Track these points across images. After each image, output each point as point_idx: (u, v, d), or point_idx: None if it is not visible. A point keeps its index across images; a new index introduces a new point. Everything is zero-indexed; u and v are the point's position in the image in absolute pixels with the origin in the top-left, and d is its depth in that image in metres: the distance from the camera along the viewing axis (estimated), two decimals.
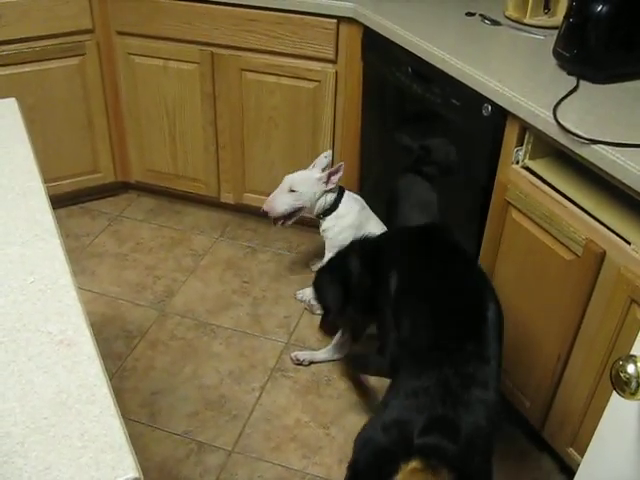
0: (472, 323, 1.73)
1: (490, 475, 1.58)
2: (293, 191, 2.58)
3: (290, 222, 2.66)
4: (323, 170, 2.60)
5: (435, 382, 1.57)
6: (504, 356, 1.76)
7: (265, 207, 2.62)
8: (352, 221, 2.59)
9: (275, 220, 2.65)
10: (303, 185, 2.58)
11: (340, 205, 2.62)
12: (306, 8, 2.56)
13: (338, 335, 2.52)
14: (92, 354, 1.03)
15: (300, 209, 2.61)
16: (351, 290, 2.19)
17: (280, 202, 2.60)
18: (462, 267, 1.96)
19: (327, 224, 2.63)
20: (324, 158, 2.65)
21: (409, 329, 1.80)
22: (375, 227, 2.62)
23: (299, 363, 2.51)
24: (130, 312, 2.73)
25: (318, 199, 2.59)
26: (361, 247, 2.26)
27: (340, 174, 2.57)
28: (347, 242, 2.53)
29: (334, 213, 2.61)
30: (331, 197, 2.61)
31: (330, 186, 2.58)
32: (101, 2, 2.83)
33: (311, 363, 2.52)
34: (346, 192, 2.65)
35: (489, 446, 1.58)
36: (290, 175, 2.62)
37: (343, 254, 2.30)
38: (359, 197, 2.68)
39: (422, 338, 1.74)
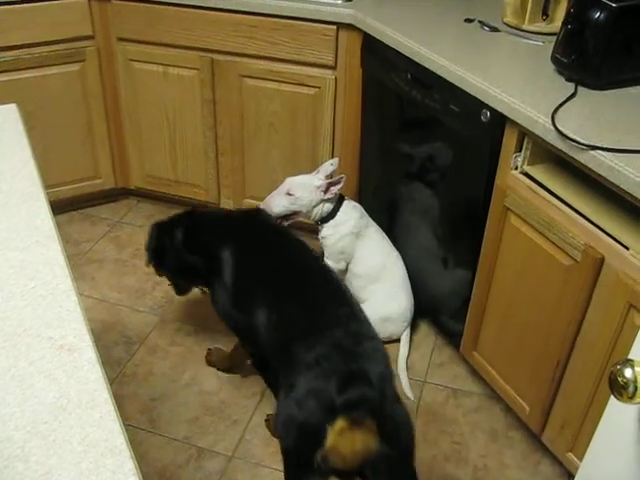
0: (333, 293, 1.86)
1: (406, 415, 1.66)
2: (290, 194, 2.57)
3: (287, 223, 2.64)
4: (327, 177, 2.58)
5: (331, 347, 1.63)
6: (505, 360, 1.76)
7: (262, 205, 2.61)
8: (350, 229, 2.59)
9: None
10: (300, 190, 2.56)
11: (338, 213, 2.60)
12: (306, 14, 2.56)
13: None
14: (92, 359, 1.03)
15: (296, 213, 2.60)
16: (166, 255, 2.28)
17: (276, 203, 2.58)
18: (293, 246, 2.09)
19: (325, 232, 2.62)
20: (330, 165, 2.60)
21: (279, 312, 1.85)
22: (374, 234, 2.63)
23: None
24: (130, 318, 2.74)
25: (315, 206, 2.58)
26: (189, 220, 2.30)
27: (340, 186, 2.55)
28: (346, 250, 2.55)
29: (332, 221, 2.60)
30: (329, 206, 2.59)
31: (328, 196, 2.56)
32: (101, 9, 2.84)
33: None
34: (346, 200, 2.64)
35: (394, 389, 1.67)
36: (291, 178, 2.61)
37: (174, 220, 2.31)
38: (358, 205, 2.68)
39: (298, 317, 1.80)
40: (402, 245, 2.68)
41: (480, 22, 2.39)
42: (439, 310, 2.60)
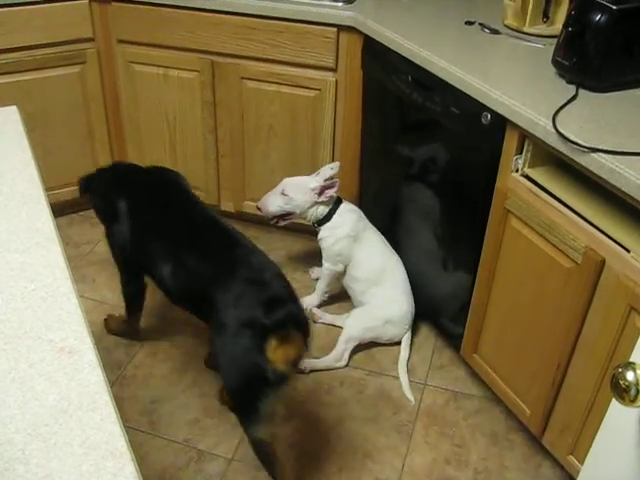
0: (227, 237, 2.03)
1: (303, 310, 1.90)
2: (285, 194, 2.60)
3: (283, 223, 2.69)
4: (325, 181, 2.60)
5: (244, 283, 1.84)
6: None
7: (259, 203, 2.67)
8: (347, 232, 2.60)
9: (270, 218, 2.69)
10: (295, 191, 2.59)
11: (334, 216, 2.62)
12: (306, 17, 2.56)
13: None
14: (93, 362, 1.03)
15: (290, 213, 2.63)
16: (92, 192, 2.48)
17: (271, 202, 2.62)
18: (188, 201, 2.24)
19: (322, 234, 2.64)
20: (329, 169, 2.62)
21: (182, 264, 2.01)
22: (373, 238, 2.64)
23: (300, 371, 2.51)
24: None
25: (309, 208, 2.60)
26: (113, 167, 2.55)
27: (334, 189, 2.57)
28: (343, 252, 2.57)
29: (328, 224, 2.62)
30: (324, 208, 2.61)
31: (322, 199, 2.58)
32: (102, 11, 2.84)
33: (312, 371, 2.52)
34: (343, 203, 2.65)
35: (296, 295, 1.90)
36: (288, 178, 2.64)
37: (102, 170, 2.50)
38: (356, 208, 2.69)
39: (203, 265, 1.96)
40: (403, 247, 2.68)
41: (481, 24, 2.39)
42: (439, 312, 2.60)
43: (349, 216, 2.63)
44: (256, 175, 3.01)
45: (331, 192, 2.57)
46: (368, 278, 2.61)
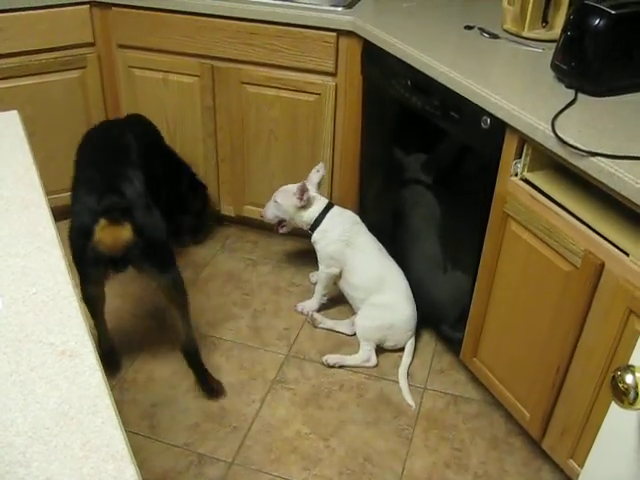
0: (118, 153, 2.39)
1: (156, 216, 2.21)
2: (276, 201, 2.72)
3: (282, 230, 2.81)
4: (316, 185, 2.71)
5: (96, 173, 2.25)
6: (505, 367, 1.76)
7: (261, 212, 2.82)
8: (338, 236, 2.63)
9: (273, 225, 2.82)
10: (282, 197, 2.71)
11: (324, 220, 2.67)
12: (306, 22, 2.57)
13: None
14: (94, 365, 1.04)
15: (285, 220, 2.75)
16: None
17: (268, 210, 2.77)
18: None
19: (315, 237, 2.69)
20: (315, 172, 2.72)
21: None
22: (368, 245, 2.67)
23: (331, 366, 2.57)
24: (130, 324, 2.74)
25: (297, 213, 2.68)
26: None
27: (308, 194, 2.64)
28: (335, 256, 2.64)
29: (319, 227, 2.67)
30: (313, 212, 2.67)
31: (302, 203, 2.64)
32: (102, 15, 2.85)
33: (341, 366, 2.57)
34: (334, 208, 2.70)
35: (147, 202, 2.19)
36: (283, 186, 2.74)
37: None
38: (351, 214, 2.72)
39: (86, 162, 2.40)
40: (403, 251, 2.68)
41: (480, 29, 2.40)
42: (439, 316, 2.60)
43: (339, 220, 2.68)
44: (256, 179, 3.02)
45: (305, 195, 2.64)
46: (366, 287, 2.62)
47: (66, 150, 3.02)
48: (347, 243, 2.63)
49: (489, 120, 1.98)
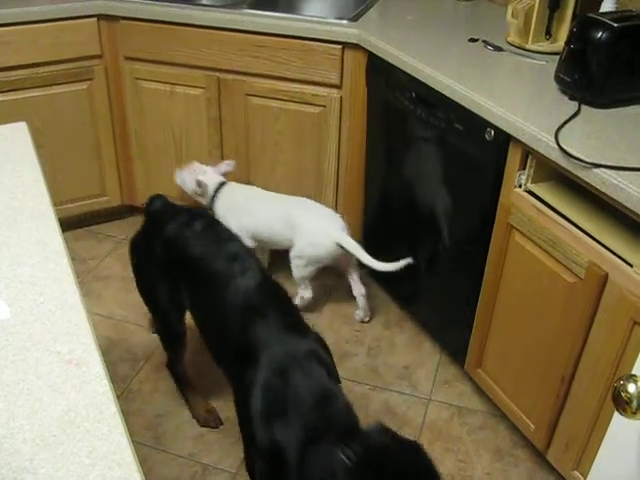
0: None
1: None
2: (183, 175, 2.98)
3: (187, 196, 3.00)
4: (222, 174, 2.93)
5: None
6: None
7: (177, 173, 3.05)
8: (225, 210, 2.86)
9: None
10: (187, 174, 2.96)
11: (216, 201, 2.88)
12: (311, 34, 2.59)
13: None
14: (100, 374, 1.05)
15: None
16: None
17: (177, 176, 3.01)
18: None
19: (217, 214, 2.88)
20: (225, 165, 2.93)
21: None
22: (261, 200, 2.86)
23: None
24: (136, 335, 2.75)
25: (195, 193, 2.94)
26: None
27: (205, 186, 2.87)
28: (240, 227, 2.75)
29: (215, 205, 2.89)
30: (209, 195, 2.90)
31: (197, 190, 2.91)
32: (110, 28, 2.88)
33: None
34: (225, 186, 2.90)
35: None
36: (197, 163, 2.97)
37: None
38: (236, 186, 2.92)
39: None
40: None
41: (484, 42, 2.42)
42: (444, 327, 2.61)
43: (226, 198, 2.87)
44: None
45: (199, 189, 2.88)
46: (279, 230, 2.76)
47: (73, 161, 3.06)
48: (243, 212, 2.81)
49: (493, 132, 1.99)
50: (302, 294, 2.82)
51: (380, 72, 2.49)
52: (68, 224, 3.16)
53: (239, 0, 2.93)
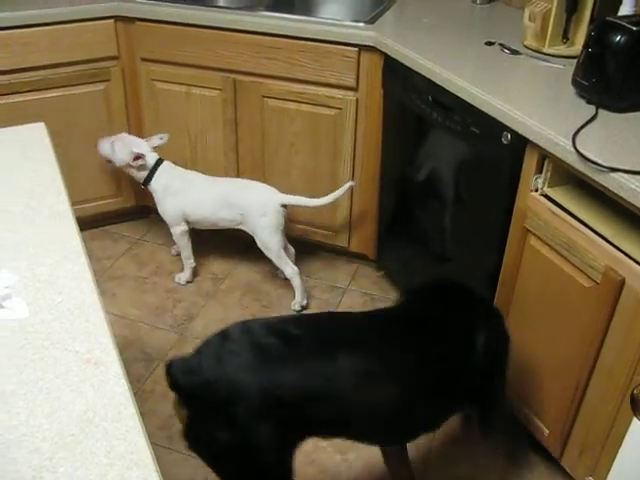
0: None
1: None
2: (112, 145, 2.92)
3: (111, 165, 3.01)
4: (153, 148, 2.92)
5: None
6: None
7: (98, 141, 2.97)
8: (164, 191, 2.91)
9: None
10: (119, 147, 2.91)
11: (153, 179, 2.90)
12: (327, 37, 2.59)
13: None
14: (119, 373, 1.05)
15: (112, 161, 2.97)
16: None
17: (101, 145, 2.96)
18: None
19: (155, 198, 2.95)
20: (158, 139, 2.93)
21: None
22: (198, 182, 2.92)
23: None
24: (150, 335, 2.76)
25: (127, 167, 2.92)
26: None
27: (140, 162, 2.86)
28: (172, 211, 2.92)
29: (151, 186, 2.93)
30: (144, 172, 2.91)
31: (133, 164, 2.87)
32: (127, 29, 2.90)
33: None
34: (163, 163, 2.92)
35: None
36: (124, 134, 2.98)
37: None
38: (172, 166, 2.95)
39: None
40: (421, 264, 2.68)
41: (501, 45, 2.41)
42: None
43: (165, 176, 2.90)
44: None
45: (139, 162, 2.85)
46: (216, 210, 2.87)
47: (89, 161, 3.07)
48: (176, 193, 2.88)
49: (510, 135, 1.99)
50: (288, 274, 2.91)
51: (396, 75, 2.49)
52: (84, 224, 3.15)
53: (255, 2, 2.94)
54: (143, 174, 2.90)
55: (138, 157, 2.84)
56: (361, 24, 2.61)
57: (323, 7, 3.22)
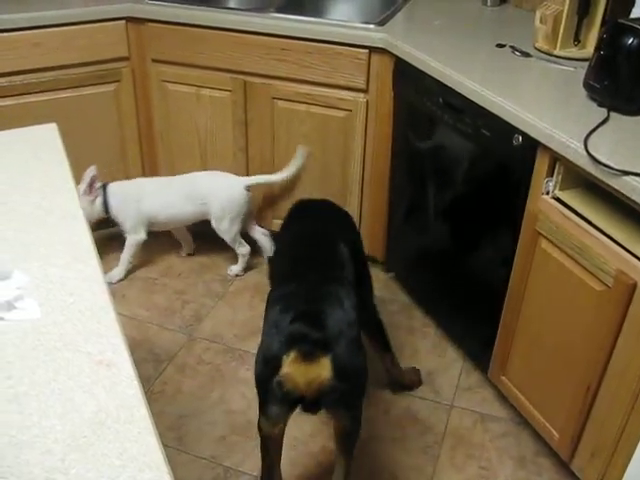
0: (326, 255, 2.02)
1: (362, 357, 1.79)
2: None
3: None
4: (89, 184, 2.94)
5: (298, 285, 1.83)
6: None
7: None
8: (128, 204, 2.98)
9: None
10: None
11: (110, 199, 2.98)
12: (338, 38, 2.59)
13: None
14: (131, 375, 1.05)
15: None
16: None
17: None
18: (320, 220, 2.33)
19: (115, 217, 3.01)
20: (90, 173, 2.93)
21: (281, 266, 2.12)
22: (155, 189, 3.01)
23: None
24: (159, 336, 2.76)
25: (91, 207, 2.95)
26: None
27: (96, 184, 2.94)
28: (138, 218, 2.99)
29: (110, 208, 2.99)
30: (100, 202, 2.97)
31: (93, 195, 2.94)
32: (138, 31, 2.90)
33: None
34: (110, 186, 3.00)
35: (355, 333, 1.75)
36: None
37: None
38: (126, 182, 3.05)
39: (288, 268, 2.02)
40: (431, 266, 2.68)
41: (511, 47, 2.40)
42: (468, 334, 2.59)
43: (121, 191, 2.99)
44: (286, 194, 3.03)
45: (95, 185, 2.94)
46: (181, 206, 2.98)
47: (99, 162, 3.08)
48: (138, 201, 2.97)
49: (521, 138, 1.98)
50: (241, 252, 3.07)
51: (407, 77, 2.49)
52: (98, 224, 3.18)
53: (266, 4, 2.94)
54: (100, 201, 2.96)
55: (93, 181, 2.92)
56: (371, 26, 2.61)
57: (333, 9, 3.22)
